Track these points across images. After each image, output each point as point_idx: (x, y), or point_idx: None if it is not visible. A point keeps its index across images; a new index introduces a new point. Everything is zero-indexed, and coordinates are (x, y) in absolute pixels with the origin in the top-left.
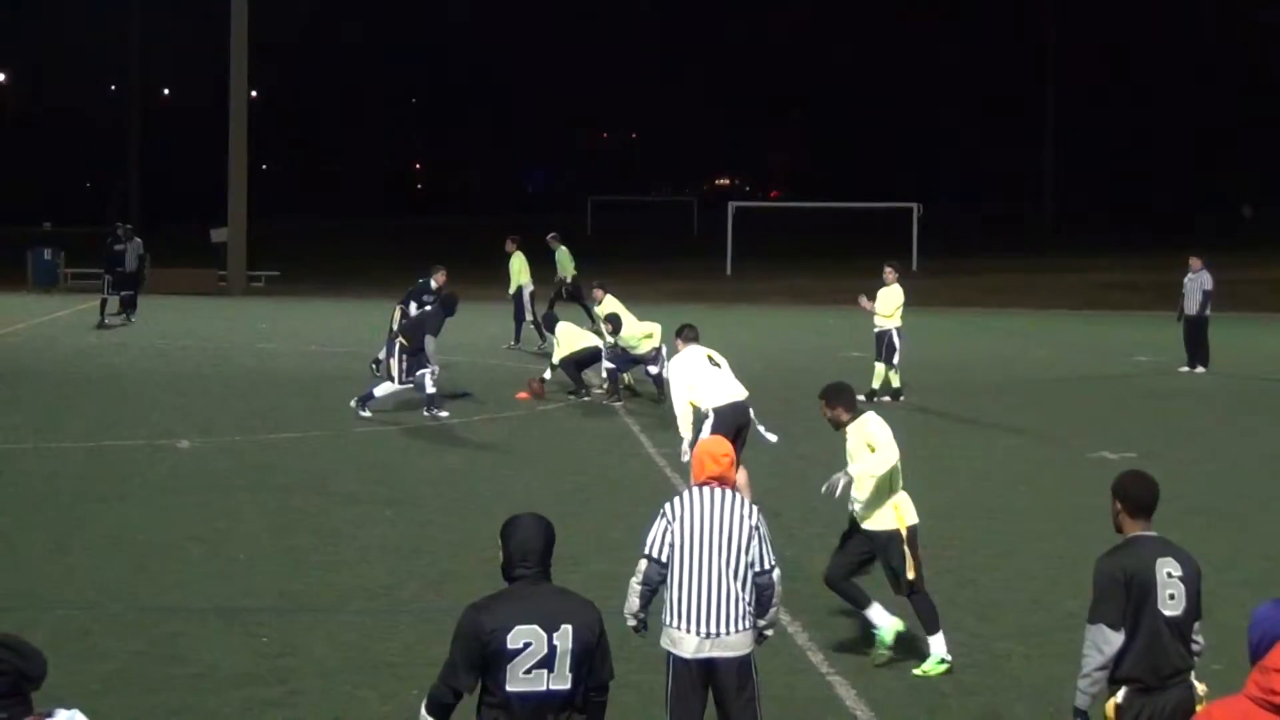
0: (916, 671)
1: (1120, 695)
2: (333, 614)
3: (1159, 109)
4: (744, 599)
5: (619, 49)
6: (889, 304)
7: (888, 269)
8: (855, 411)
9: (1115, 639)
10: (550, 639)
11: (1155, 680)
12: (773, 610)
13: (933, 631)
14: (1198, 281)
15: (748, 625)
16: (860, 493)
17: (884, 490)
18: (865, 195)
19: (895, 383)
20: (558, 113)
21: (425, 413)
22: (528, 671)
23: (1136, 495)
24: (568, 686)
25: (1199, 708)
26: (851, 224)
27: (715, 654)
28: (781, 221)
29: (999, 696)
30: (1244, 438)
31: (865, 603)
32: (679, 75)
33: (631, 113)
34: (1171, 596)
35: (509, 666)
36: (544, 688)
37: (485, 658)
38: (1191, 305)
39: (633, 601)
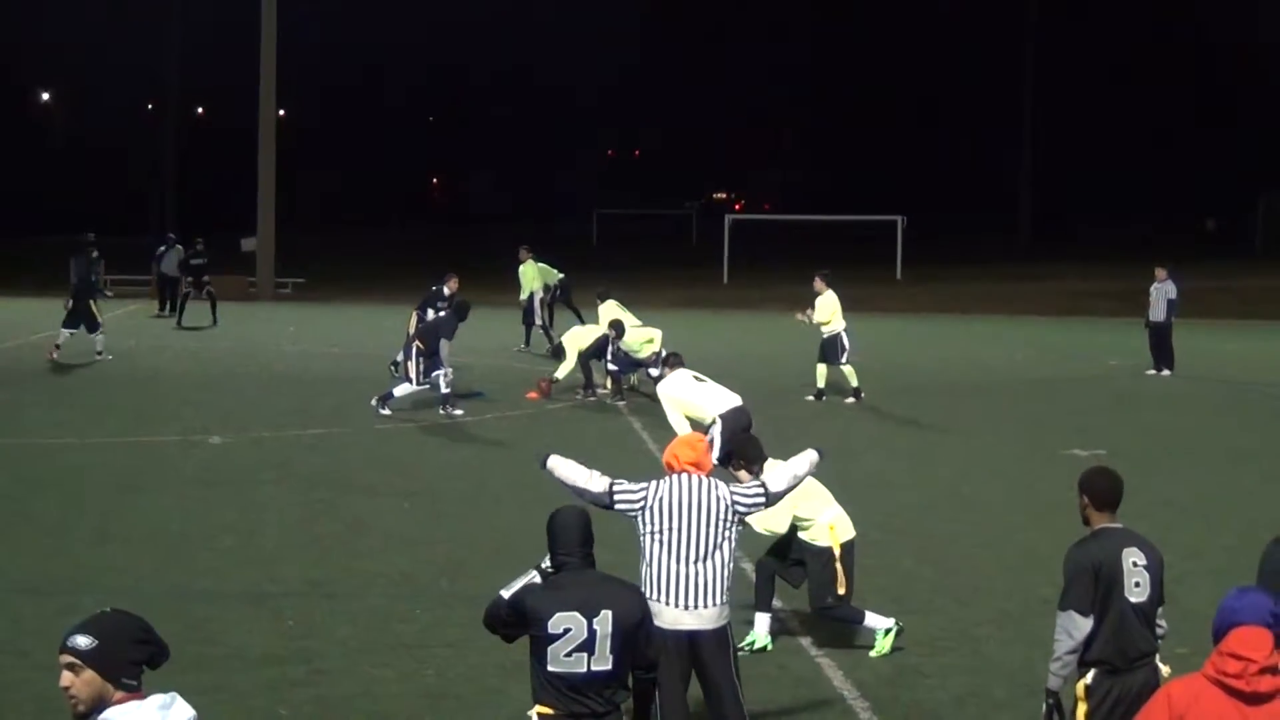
0: (873, 654)
1: (1089, 676)
2: (354, 599)
3: (1132, 128)
4: (720, 574)
5: (625, 68)
6: (827, 310)
7: (817, 279)
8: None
9: (1084, 624)
10: (590, 624)
11: (1122, 662)
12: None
13: (861, 620)
14: (1163, 290)
15: (723, 599)
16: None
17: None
18: (852, 208)
19: (854, 380)
20: (569, 128)
21: (441, 411)
22: (568, 654)
23: (1102, 490)
24: (609, 667)
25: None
26: (840, 235)
27: (694, 626)
28: (775, 233)
29: (977, 677)
30: (1207, 435)
31: (767, 604)
32: (683, 96)
33: (637, 129)
34: (1137, 584)
35: (550, 650)
36: (584, 670)
37: (525, 627)
38: (1157, 312)
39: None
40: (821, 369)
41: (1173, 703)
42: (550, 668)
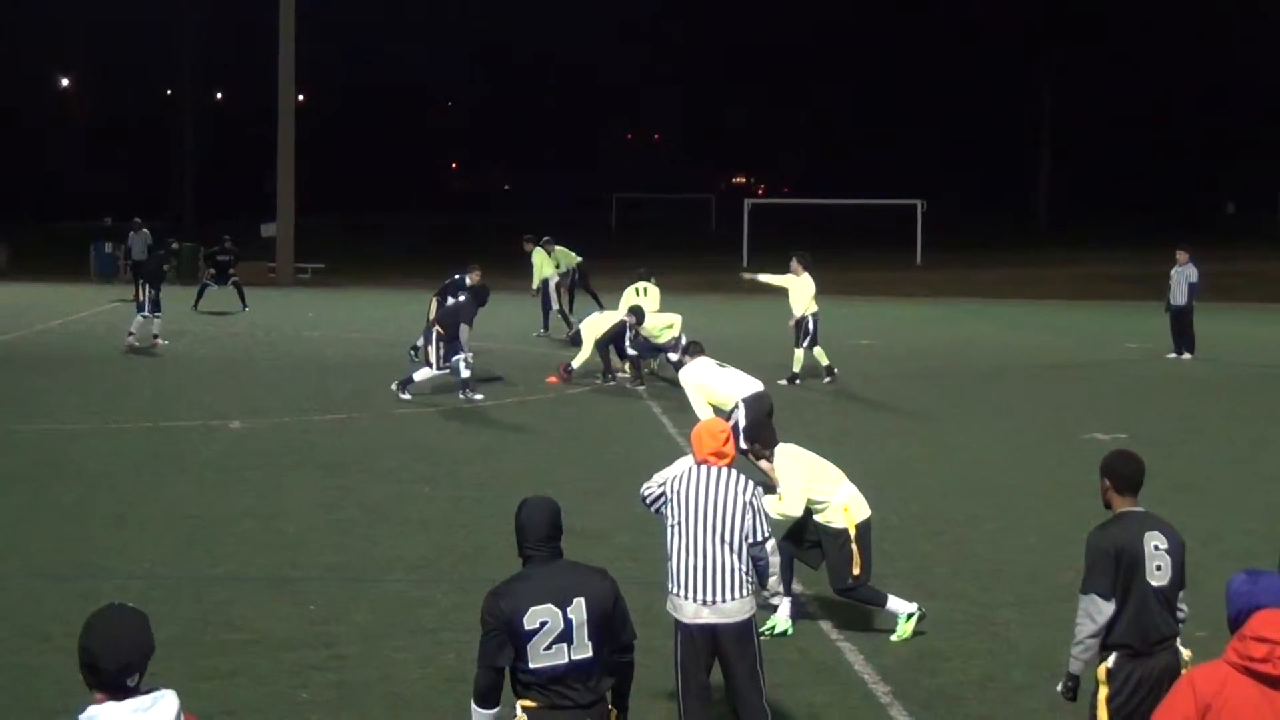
0: (894, 638)
1: (1111, 660)
2: (375, 583)
3: (1151, 110)
4: (740, 568)
5: (643, 53)
6: (804, 293)
7: (794, 260)
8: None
9: (1106, 608)
10: (565, 614)
11: (1143, 646)
12: (772, 579)
13: (883, 603)
14: (1183, 274)
15: (745, 593)
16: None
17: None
18: (872, 191)
19: (798, 367)
20: (586, 114)
21: (460, 395)
22: (548, 648)
23: (1124, 473)
24: (589, 655)
25: (1184, 671)
26: (859, 219)
27: (714, 620)
28: (794, 217)
29: (998, 661)
30: (1227, 419)
31: (787, 588)
32: (701, 78)
33: (655, 114)
34: (1158, 568)
35: (529, 646)
36: (566, 660)
37: (510, 636)
38: (1178, 296)
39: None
40: (798, 353)
41: (1197, 691)
42: (532, 665)
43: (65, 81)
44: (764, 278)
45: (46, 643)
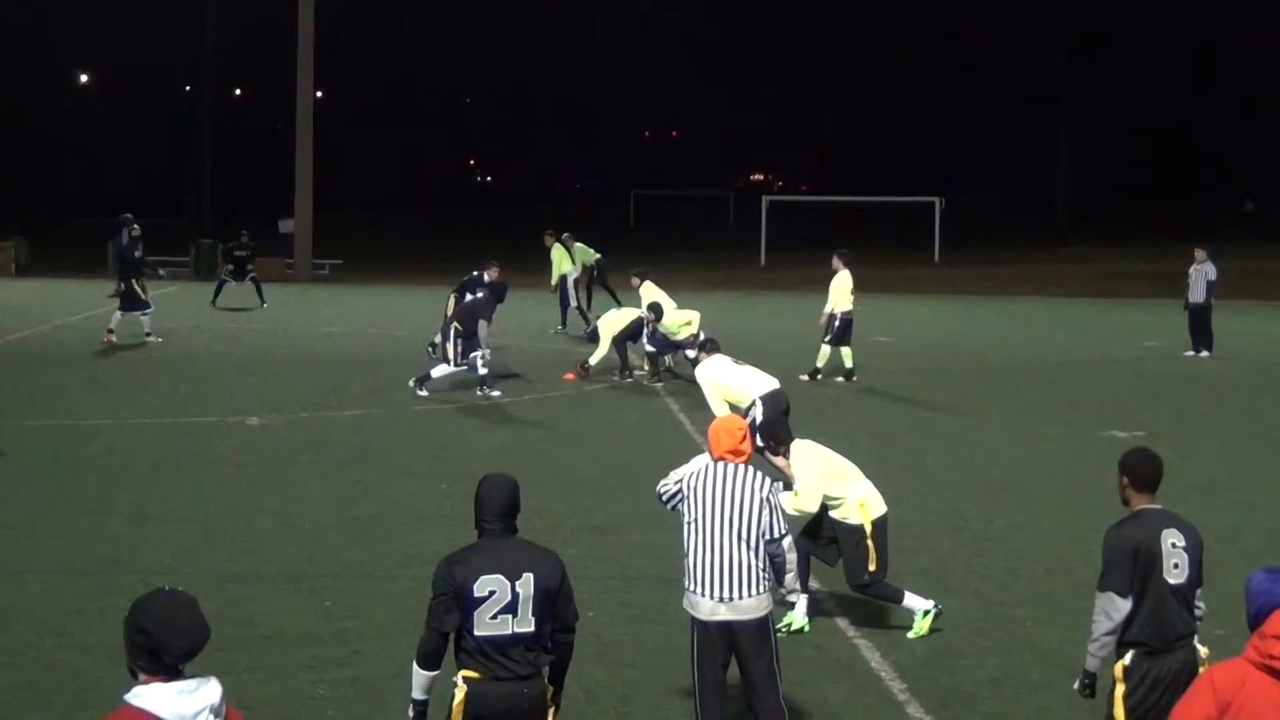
0: (910, 635)
1: (1128, 658)
2: (392, 580)
3: (1170, 107)
4: (756, 565)
5: (664, 54)
6: (838, 290)
7: (835, 257)
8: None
9: (1123, 606)
10: (513, 586)
11: (1161, 644)
12: (789, 576)
13: (900, 600)
14: (1202, 271)
15: (762, 590)
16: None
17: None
18: (890, 189)
19: (848, 363)
20: (603, 110)
21: (478, 392)
22: (493, 617)
23: (1142, 471)
24: (531, 629)
25: (1201, 669)
26: (877, 216)
27: (731, 617)
28: (812, 214)
29: (1014, 659)
30: (1245, 418)
31: (804, 585)
32: (720, 75)
33: (673, 112)
34: (1176, 566)
35: (476, 613)
36: (509, 631)
37: (458, 602)
38: (1196, 294)
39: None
40: (826, 350)
41: (1217, 689)
42: (477, 632)
43: (84, 78)
44: (829, 306)
45: (65, 638)
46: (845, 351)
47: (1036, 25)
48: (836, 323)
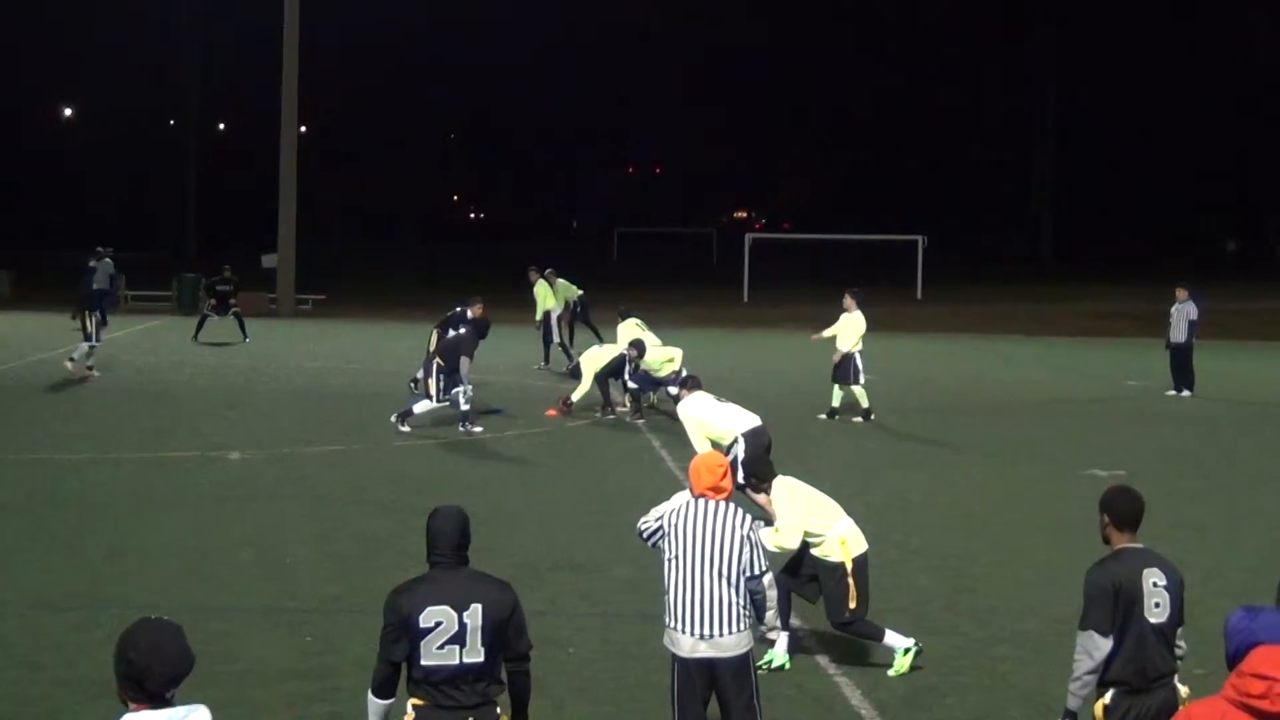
0: (891, 673)
1: (1108, 696)
2: (371, 615)
3: (1153, 149)
4: (737, 602)
5: (647, 90)
6: (850, 329)
7: (847, 295)
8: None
9: (1104, 644)
10: (460, 617)
11: (1141, 682)
12: (769, 613)
13: (880, 638)
14: (1183, 311)
15: (742, 627)
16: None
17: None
18: (873, 228)
19: (864, 401)
20: (587, 149)
21: (460, 428)
22: (440, 647)
23: (1123, 509)
24: (480, 659)
25: (1181, 708)
26: (860, 254)
27: (711, 654)
28: (795, 252)
29: (994, 698)
30: (1226, 457)
31: (784, 622)
32: (703, 117)
33: (656, 150)
34: (1157, 605)
35: (423, 643)
36: (456, 661)
37: (405, 632)
38: (1177, 333)
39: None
40: (836, 389)
41: None
42: (424, 661)
43: (68, 112)
44: (826, 333)
45: (41, 673)
46: (859, 391)
47: (1020, 63)
48: (857, 362)
